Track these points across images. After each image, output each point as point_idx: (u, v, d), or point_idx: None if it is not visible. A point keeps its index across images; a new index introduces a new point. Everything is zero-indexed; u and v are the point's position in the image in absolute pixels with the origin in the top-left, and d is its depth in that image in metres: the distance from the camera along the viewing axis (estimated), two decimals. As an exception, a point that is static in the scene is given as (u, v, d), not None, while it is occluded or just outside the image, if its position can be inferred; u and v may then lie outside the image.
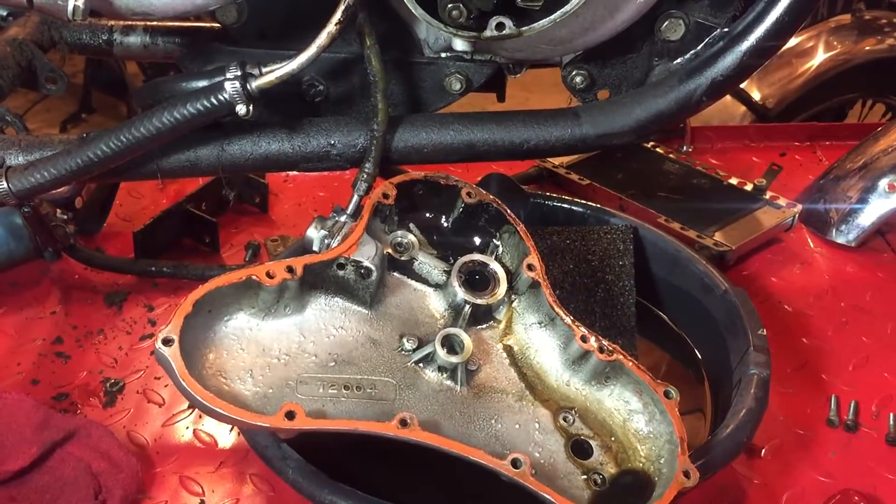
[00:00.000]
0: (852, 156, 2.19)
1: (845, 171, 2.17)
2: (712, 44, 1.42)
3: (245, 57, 1.39)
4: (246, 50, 1.41)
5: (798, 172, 2.35)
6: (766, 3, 1.36)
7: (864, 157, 2.16)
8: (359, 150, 1.40)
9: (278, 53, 1.39)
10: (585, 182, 2.18)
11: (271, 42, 1.42)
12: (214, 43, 1.39)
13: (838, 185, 2.15)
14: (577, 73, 1.45)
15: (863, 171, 2.14)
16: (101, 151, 1.28)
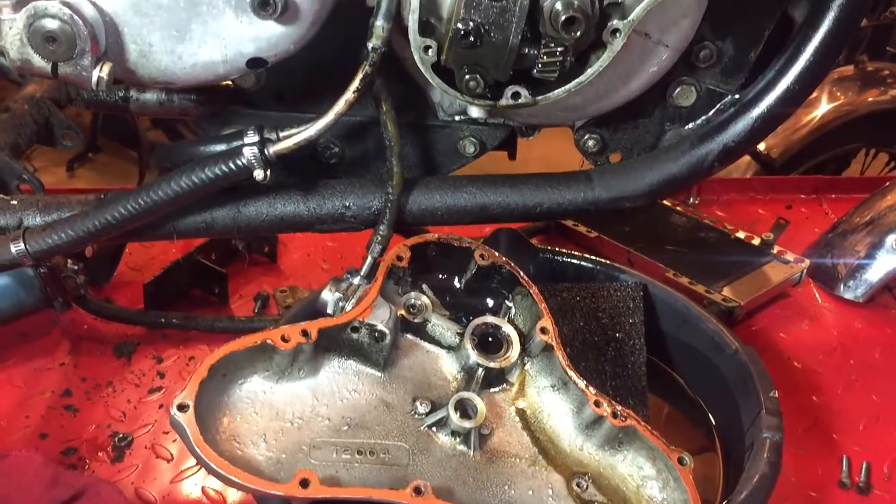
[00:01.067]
0: (859, 210, 2.20)
1: (853, 225, 2.19)
2: (723, 110, 1.44)
3: (262, 119, 1.41)
4: (262, 112, 1.43)
5: (804, 226, 2.36)
6: (776, 72, 1.38)
7: (872, 213, 2.17)
8: (373, 213, 1.41)
9: (295, 116, 1.43)
10: (593, 234, 2.19)
11: (288, 104, 1.44)
12: (232, 106, 1.41)
13: (846, 239, 2.16)
14: (590, 136, 1.47)
15: (870, 227, 2.15)
16: (118, 214, 1.29)
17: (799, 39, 1.36)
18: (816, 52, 1.35)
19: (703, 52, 1.39)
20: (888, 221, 2.11)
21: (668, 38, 1.32)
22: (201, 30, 1.14)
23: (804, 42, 1.35)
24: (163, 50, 1.15)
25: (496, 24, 1.18)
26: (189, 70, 1.18)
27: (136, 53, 1.16)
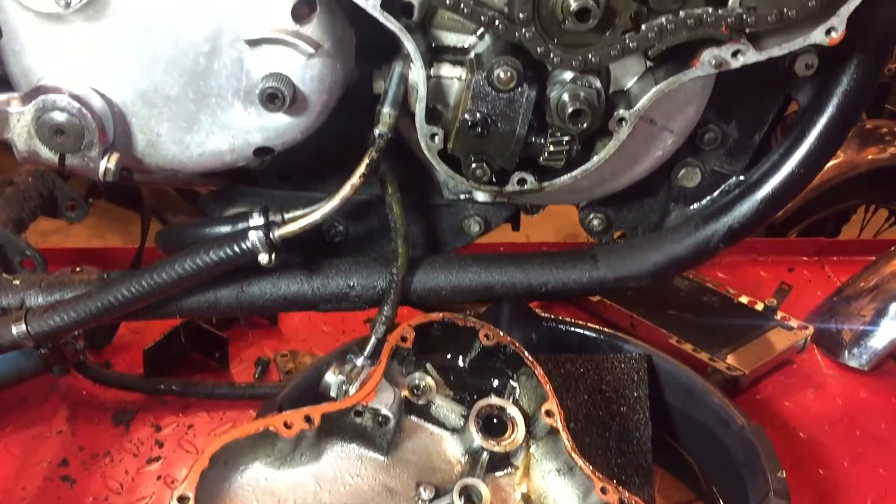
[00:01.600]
0: (863, 275, 2.20)
1: (856, 290, 2.18)
2: (728, 191, 1.44)
3: (266, 199, 1.41)
4: (267, 191, 1.43)
5: (807, 289, 2.35)
6: (780, 156, 1.38)
7: (875, 278, 2.17)
8: (378, 293, 1.41)
9: (301, 195, 1.43)
10: (596, 299, 2.18)
11: (294, 183, 1.44)
12: (237, 183, 1.41)
13: (849, 305, 2.15)
14: (595, 216, 1.47)
15: (874, 293, 2.14)
16: (121, 296, 1.28)
17: (803, 123, 1.37)
18: (820, 136, 1.35)
19: (708, 134, 1.39)
20: (892, 288, 2.11)
21: (673, 124, 1.32)
22: (209, 120, 1.15)
23: (808, 126, 1.36)
24: (171, 140, 1.16)
25: (503, 114, 1.19)
26: (196, 159, 1.18)
27: (144, 143, 1.16)
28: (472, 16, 1.14)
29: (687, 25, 1.12)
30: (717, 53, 1.17)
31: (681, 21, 1.12)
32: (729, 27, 1.13)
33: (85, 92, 1.09)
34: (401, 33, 1.16)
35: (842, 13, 1.14)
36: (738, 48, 1.17)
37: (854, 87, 1.33)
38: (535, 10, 1.11)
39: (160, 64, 1.10)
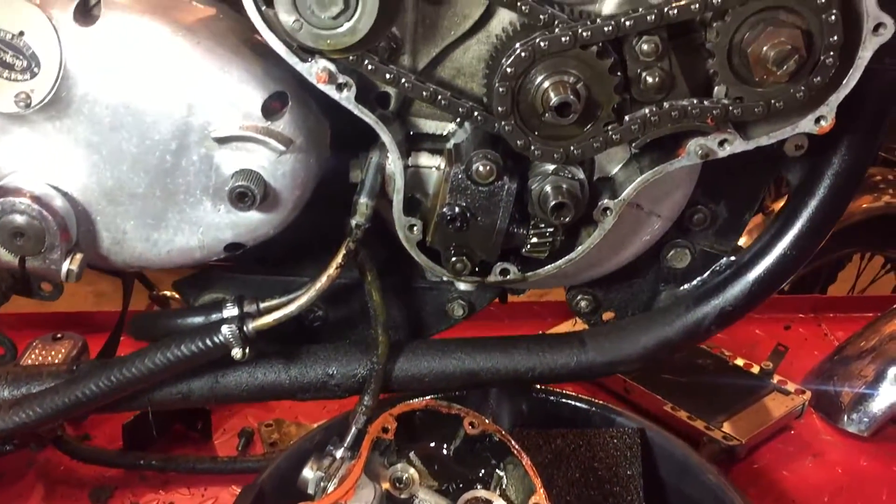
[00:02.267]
0: (862, 336, 2.15)
1: (854, 352, 2.13)
2: (719, 272, 1.40)
3: (242, 284, 1.37)
4: (244, 276, 1.38)
5: (804, 348, 2.30)
6: (772, 237, 1.34)
7: (874, 340, 2.12)
8: (358, 381, 1.36)
9: (279, 280, 1.39)
10: (588, 362, 2.13)
11: (271, 267, 1.39)
12: (212, 267, 1.37)
13: (848, 367, 2.10)
14: (583, 297, 1.43)
15: (872, 355, 2.09)
16: (90, 391, 1.24)
17: (794, 204, 1.33)
18: (812, 218, 1.31)
19: (697, 215, 1.35)
20: (891, 352, 2.06)
21: (661, 209, 1.29)
22: (178, 217, 1.11)
23: (800, 207, 1.32)
24: (137, 237, 1.12)
25: (483, 208, 1.15)
26: (165, 256, 1.14)
27: (109, 241, 1.12)
28: (449, 108, 1.10)
29: (671, 117, 1.09)
30: (704, 143, 1.13)
31: (664, 113, 1.09)
32: (714, 119, 1.09)
33: (46, 192, 1.05)
34: (376, 125, 1.12)
35: (831, 102, 1.11)
36: (725, 137, 1.13)
37: (846, 167, 1.29)
38: (514, 103, 1.08)
39: (126, 162, 1.06)
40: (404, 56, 1.14)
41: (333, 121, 1.19)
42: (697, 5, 1.02)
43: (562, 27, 1.04)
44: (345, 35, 1.00)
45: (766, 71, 1.04)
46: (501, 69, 1.05)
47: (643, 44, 1.05)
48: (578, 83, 1.06)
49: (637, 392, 2.03)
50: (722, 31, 1.05)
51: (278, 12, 0.99)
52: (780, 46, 1.02)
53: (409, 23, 1.12)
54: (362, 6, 0.99)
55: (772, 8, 1.03)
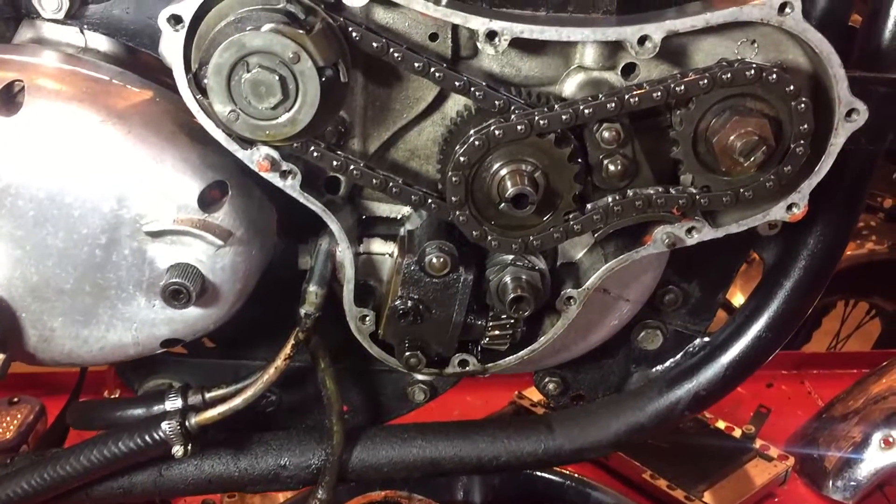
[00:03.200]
0: (845, 398, 2.09)
1: (839, 414, 2.06)
2: (693, 353, 1.33)
3: (190, 369, 1.30)
4: (191, 360, 1.31)
5: (787, 408, 2.24)
6: (746, 317, 1.28)
7: (857, 402, 2.06)
8: (312, 472, 1.28)
9: (228, 364, 1.31)
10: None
11: (221, 349, 1.32)
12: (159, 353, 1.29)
13: (833, 430, 2.03)
14: (550, 379, 1.36)
15: (857, 419, 2.03)
16: (21, 490, 1.16)
17: (769, 284, 1.27)
18: (788, 300, 1.25)
19: (669, 296, 1.29)
20: (874, 417, 1.99)
21: (629, 293, 1.22)
22: (109, 313, 1.03)
23: (775, 288, 1.26)
24: (66, 335, 1.04)
25: (437, 300, 1.08)
26: (97, 353, 1.06)
27: (36, 338, 1.04)
28: (401, 196, 1.04)
29: (635, 207, 1.03)
30: (671, 231, 1.07)
31: (628, 202, 1.03)
32: (681, 209, 1.03)
33: (-33, 289, 0.98)
34: (323, 214, 1.06)
35: (803, 189, 1.05)
36: (693, 225, 1.07)
37: (822, 247, 1.23)
38: (468, 193, 1.01)
39: (52, 257, 0.99)
40: (354, 140, 1.08)
41: (283, 203, 1.12)
42: (659, 93, 0.97)
43: (518, 114, 0.98)
44: (285, 126, 0.94)
45: (732, 161, 0.98)
46: (455, 157, 0.99)
47: (604, 131, 0.99)
48: (536, 172, 1.00)
49: (616, 458, 1.96)
50: (686, 120, 0.99)
51: (213, 103, 0.92)
52: (747, 137, 0.96)
53: (358, 106, 1.06)
54: (302, 96, 0.92)
55: (737, 96, 0.98)
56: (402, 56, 0.98)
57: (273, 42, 0.90)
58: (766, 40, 1.02)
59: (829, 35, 0.99)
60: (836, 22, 1.15)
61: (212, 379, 1.28)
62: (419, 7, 0.96)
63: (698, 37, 1.02)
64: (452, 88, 0.99)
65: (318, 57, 0.91)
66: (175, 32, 0.95)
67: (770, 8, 0.96)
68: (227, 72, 0.91)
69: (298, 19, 0.92)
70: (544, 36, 0.97)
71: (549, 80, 1.07)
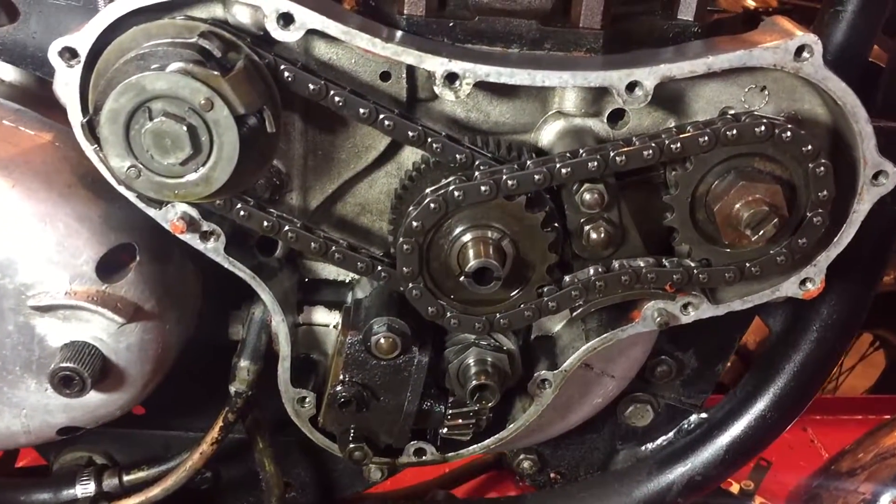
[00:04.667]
0: (853, 453, 1.92)
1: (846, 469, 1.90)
2: (688, 431, 1.17)
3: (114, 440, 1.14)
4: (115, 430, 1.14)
5: (789, 458, 2.07)
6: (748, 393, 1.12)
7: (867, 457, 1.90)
8: (249, 563, 1.12)
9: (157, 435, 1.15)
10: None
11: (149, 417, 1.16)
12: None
13: (837, 488, 1.87)
14: (526, 457, 1.20)
15: (865, 475, 1.86)
16: None
17: (776, 357, 1.11)
18: (797, 376, 1.09)
19: (661, 367, 1.13)
20: (885, 473, 1.83)
21: (615, 369, 1.06)
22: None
23: (782, 361, 1.10)
24: (-56, 420, 0.88)
25: (386, 385, 0.92)
26: (-20, 440, 0.91)
27: None
28: (345, 263, 0.88)
29: (621, 282, 0.86)
30: (663, 307, 0.91)
31: (613, 277, 0.86)
32: (675, 285, 0.87)
33: None
34: (253, 282, 0.89)
35: (819, 262, 0.89)
36: (690, 301, 0.91)
37: (838, 318, 1.07)
38: (423, 263, 0.85)
39: (-77, 333, 0.83)
40: (292, 193, 0.92)
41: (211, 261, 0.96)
42: (651, 152, 0.80)
43: (482, 172, 0.82)
44: (197, 185, 0.78)
45: (737, 234, 0.82)
46: (406, 222, 0.83)
47: (585, 193, 0.83)
48: (503, 240, 0.84)
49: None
50: (682, 182, 0.83)
51: (108, 157, 0.76)
52: (756, 206, 0.80)
53: (297, 155, 0.90)
54: (217, 150, 0.76)
55: (744, 155, 0.82)
56: (345, 101, 0.81)
57: (180, 85, 0.74)
58: (778, 87, 0.86)
59: (847, 74, 0.83)
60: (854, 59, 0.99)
61: (138, 451, 1.13)
62: (363, 44, 0.80)
63: (699, 82, 0.86)
64: (405, 140, 0.83)
65: (236, 103, 0.75)
66: (69, 68, 0.79)
67: (785, 52, 0.80)
68: (125, 120, 0.75)
69: (214, 57, 0.76)
70: (515, 80, 0.81)
71: (523, 128, 0.91)
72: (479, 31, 0.85)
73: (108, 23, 0.78)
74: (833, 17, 0.99)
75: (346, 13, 0.84)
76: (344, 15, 0.83)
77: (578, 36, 0.86)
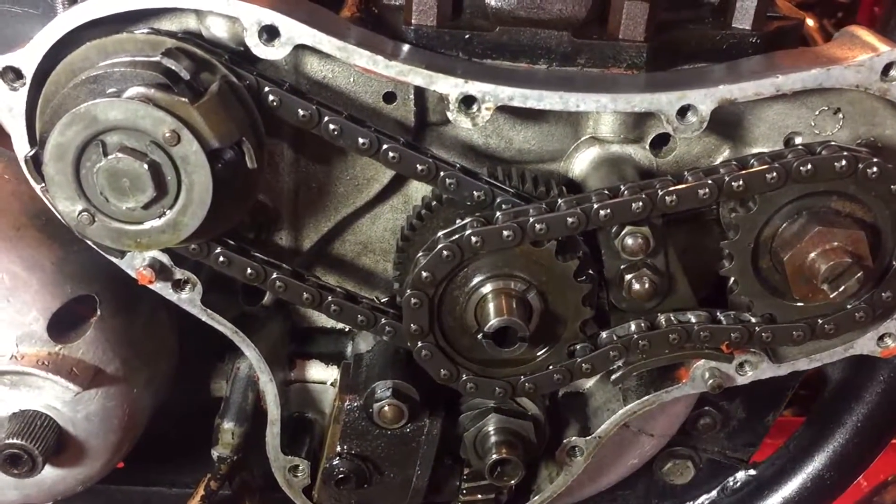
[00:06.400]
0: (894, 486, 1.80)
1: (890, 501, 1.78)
2: (734, 490, 1.04)
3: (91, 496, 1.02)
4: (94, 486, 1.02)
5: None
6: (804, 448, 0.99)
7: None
8: None
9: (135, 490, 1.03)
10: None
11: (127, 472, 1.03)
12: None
13: (879, 526, 1.75)
14: (549, 517, 1.07)
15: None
16: None
17: (835, 409, 0.98)
18: (860, 431, 0.96)
19: (704, 419, 1.00)
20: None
21: (654, 427, 0.93)
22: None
23: (842, 414, 0.97)
24: None
25: (391, 458, 0.79)
26: (-78, 521, 0.79)
27: None
28: (342, 316, 0.75)
29: (668, 342, 0.73)
30: (716, 367, 0.78)
31: (659, 336, 0.73)
32: (732, 345, 0.74)
33: None
34: (235, 337, 0.77)
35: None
36: (747, 359, 0.78)
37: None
38: (433, 319, 0.72)
39: None
40: (282, 233, 0.79)
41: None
42: (707, 191, 0.67)
43: (504, 213, 0.69)
44: (163, 232, 0.65)
45: (811, 288, 0.69)
46: (415, 272, 0.70)
47: (627, 237, 0.70)
48: (529, 292, 0.71)
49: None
50: (744, 226, 0.69)
51: (55, 199, 0.64)
52: (835, 257, 0.66)
53: (286, 189, 0.77)
54: (186, 192, 0.63)
55: (819, 194, 0.68)
56: (341, 129, 0.68)
57: (139, 114, 0.61)
58: (855, 109, 0.73)
59: None
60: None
61: (116, 510, 1.01)
62: (362, 62, 0.67)
63: (761, 103, 0.72)
64: (414, 175, 0.70)
65: (208, 135, 0.62)
66: (12, 92, 0.66)
67: (871, 70, 0.67)
68: (75, 156, 0.62)
69: (181, 80, 0.63)
70: (544, 105, 0.68)
71: (551, 156, 0.78)
72: (501, 45, 0.72)
73: (57, 37, 0.65)
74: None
75: (343, 24, 0.71)
76: (340, 27, 0.70)
77: (618, 49, 0.72)
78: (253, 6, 0.65)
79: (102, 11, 0.65)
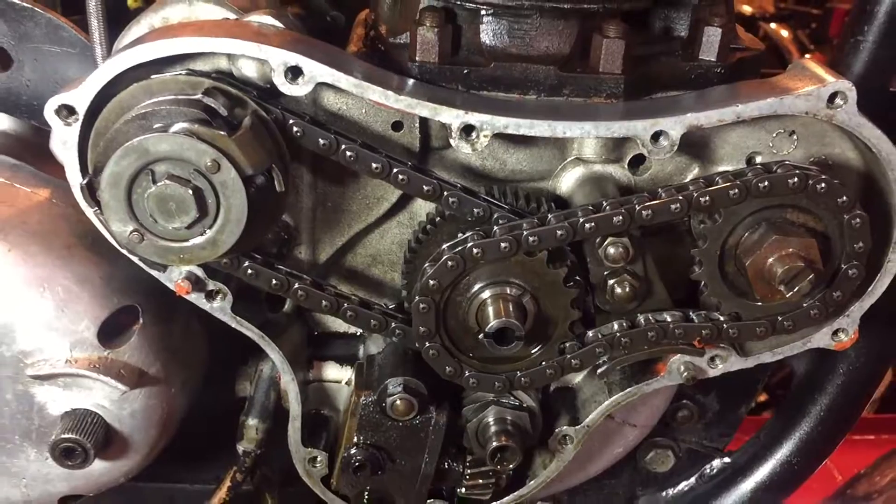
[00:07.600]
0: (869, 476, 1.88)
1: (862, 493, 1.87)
2: (711, 476, 1.14)
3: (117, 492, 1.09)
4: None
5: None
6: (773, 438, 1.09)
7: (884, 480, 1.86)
8: None
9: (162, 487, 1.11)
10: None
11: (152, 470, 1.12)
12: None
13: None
14: (542, 502, 1.16)
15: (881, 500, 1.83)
16: None
17: (801, 400, 1.08)
18: (824, 420, 1.06)
19: (682, 412, 1.10)
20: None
21: (636, 418, 1.03)
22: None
23: (807, 405, 1.07)
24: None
25: (402, 447, 0.88)
26: (-22, 511, 0.87)
27: None
28: (357, 321, 0.84)
29: (647, 339, 0.83)
30: (690, 361, 0.87)
31: (639, 334, 0.83)
32: (704, 341, 0.84)
33: None
34: (261, 341, 0.86)
35: (853, 313, 0.85)
36: (717, 353, 0.87)
37: (867, 360, 1.04)
38: (439, 321, 0.81)
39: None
40: (300, 247, 0.88)
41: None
42: (679, 206, 0.77)
43: (501, 227, 0.79)
44: (203, 248, 0.74)
45: (770, 289, 0.79)
46: (423, 280, 0.79)
47: (609, 247, 0.79)
48: (524, 296, 0.80)
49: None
50: (711, 236, 0.79)
51: (109, 221, 0.73)
52: (790, 262, 0.76)
53: (306, 208, 0.86)
54: (225, 213, 0.72)
55: (776, 206, 0.78)
56: (357, 155, 0.78)
57: (185, 147, 0.70)
58: (807, 131, 0.83)
59: (870, 105, 0.79)
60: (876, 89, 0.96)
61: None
62: (375, 97, 0.76)
63: (725, 127, 0.82)
64: (420, 194, 0.79)
65: (244, 163, 0.72)
66: (67, 127, 0.75)
67: (818, 99, 0.77)
68: (127, 183, 0.71)
69: (219, 115, 0.72)
70: (534, 132, 0.77)
71: (541, 175, 0.87)
72: (495, 78, 0.82)
73: (106, 79, 0.74)
74: (853, 47, 0.96)
75: (354, 62, 0.81)
76: (352, 64, 0.79)
77: (598, 81, 0.82)
78: (279, 50, 0.75)
79: (148, 56, 0.74)
